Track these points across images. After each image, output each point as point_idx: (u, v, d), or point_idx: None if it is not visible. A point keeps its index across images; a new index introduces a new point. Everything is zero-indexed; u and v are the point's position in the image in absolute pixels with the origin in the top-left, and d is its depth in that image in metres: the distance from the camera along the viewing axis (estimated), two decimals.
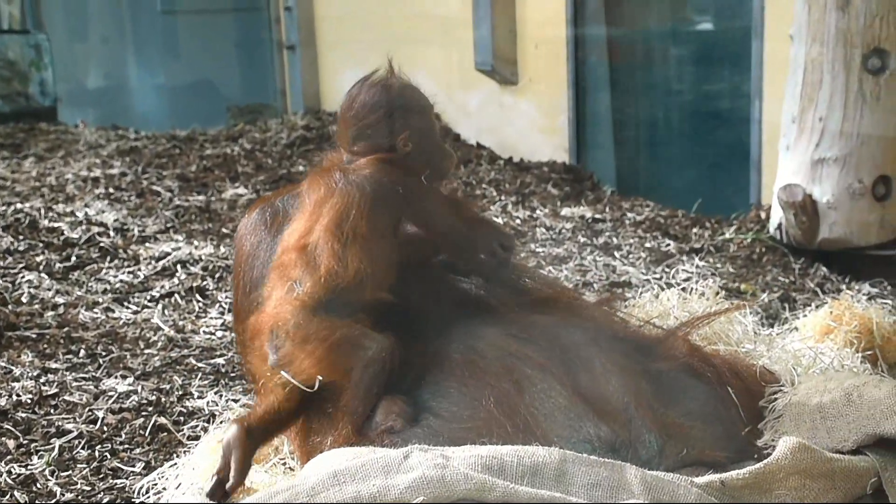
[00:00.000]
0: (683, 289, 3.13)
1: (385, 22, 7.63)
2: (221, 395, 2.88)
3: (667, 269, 4.21)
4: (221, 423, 2.59)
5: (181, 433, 2.66)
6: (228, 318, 3.57)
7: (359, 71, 8.20)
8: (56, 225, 4.54)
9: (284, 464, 2.31)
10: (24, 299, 3.76)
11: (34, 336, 3.41)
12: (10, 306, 3.67)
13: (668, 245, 4.55)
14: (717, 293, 3.14)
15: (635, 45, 6.06)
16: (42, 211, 4.70)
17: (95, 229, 4.53)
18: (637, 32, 6.04)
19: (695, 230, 4.77)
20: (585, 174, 5.94)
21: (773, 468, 1.79)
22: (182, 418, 2.77)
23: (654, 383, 2.18)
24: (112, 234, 4.52)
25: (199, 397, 2.90)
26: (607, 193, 5.55)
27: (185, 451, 2.50)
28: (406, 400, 2.16)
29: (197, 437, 2.59)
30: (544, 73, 6.25)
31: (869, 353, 3.03)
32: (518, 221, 4.94)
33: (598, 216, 5.03)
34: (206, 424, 2.68)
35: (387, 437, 2.08)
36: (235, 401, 2.82)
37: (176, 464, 2.38)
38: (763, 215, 4.66)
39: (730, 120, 5.42)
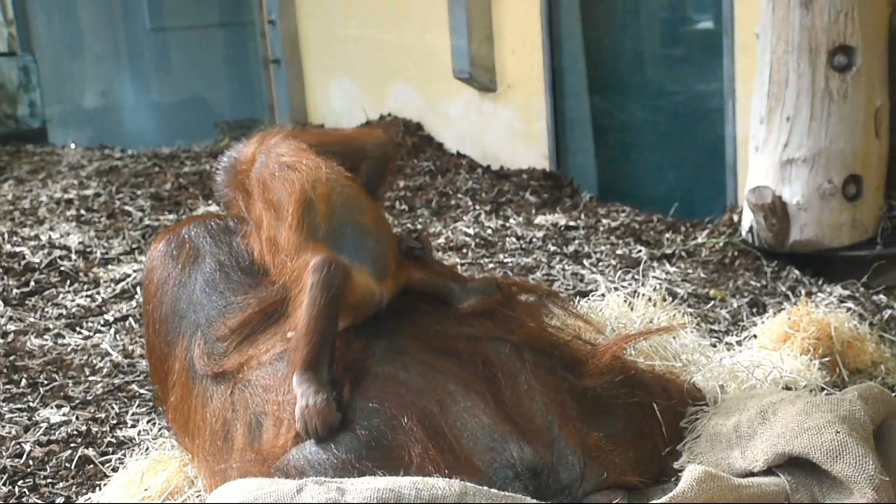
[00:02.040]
0: (632, 293, 3.03)
1: (366, 33, 7.57)
2: (155, 423, 2.81)
3: (636, 277, 4.11)
4: (139, 455, 2.51)
5: (108, 465, 2.58)
6: None
7: (343, 82, 8.20)
8: (18, 249, 4.49)
9: (199, 495, 2.23)
10: None
11: None
12: None
13: (640, 251, 4.45)
14: (664, 299, 3.04)
15: (611, 47, 5.97)
16: (6, 235, 4.65)
17: (57, 252, 4.48)
18: (612, 35, 5.95)
19: (668, 235, 4.68)
20: (565, 180, 5.85)
21: (677, 501, 1.69)
22: (111, 449, 2.70)
23: (580, 401, 2.09)
24: (74, 257, 4.46)
25: (132, 426, 2.83)
26: (585, 199, 5.46)
27: (104, 485, 2.42)
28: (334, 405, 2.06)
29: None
30: (522, 79, 6.17)
31: (827, 359, 2.94)
32: (489, 231, 4.86)
33: (571, 223, 4.94)
34: (135, 455, 2.60)
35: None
36: (168, 429, 2.74)
37: (89, 498, 2.31)
38: (736, 218, 4.56)
39: (706, 121, 5.32)
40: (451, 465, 1.89)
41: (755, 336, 3.16)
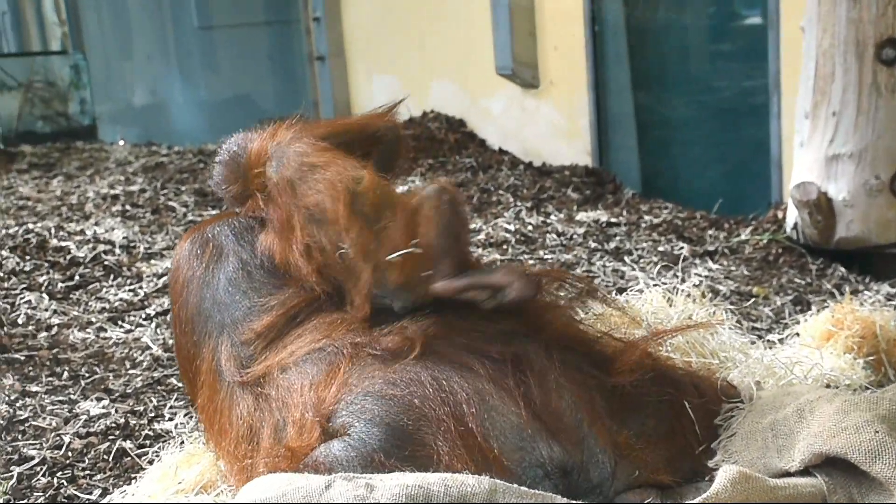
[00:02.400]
0: (669, 289, 2.99)
1: (409, 29, 7.58)
2: (192, 417, 2.83)
3: (678, 274, 4.07)
4: (174, 449, 2.53)
5: (145, 457, 2.60)
6: None
7: (386, 79, 8.24)
8: (64, 244, 4.55)
9: (232, 490, 2.24)
10: (20, 321, 3.76)
11: (22, 358, 3.40)
12: (5, 328, 3.68)
13: (682, 248, 4.40)
14: (704, 295, 2.99)
15: (655, 43, 5.91)
16: (52, 230, 4.72)
17: (102, 247, 4.52)
18: (657, 30, 5.89)
19: (711, 232, 4.62)
20: (608, 177, 5.81)
21: (711, 502, 1.66)
22: (148, 442, 2.72)
23: (610, 399, 2.06)
24: (118, 251, 4.51)
25: (169, 419, 2.85)
26: (627, 196, 5.41)
27: (140, 477, 2.45)
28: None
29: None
30: (565, 75, 6.13)
31: (872, 358, 2.88)
32: (530, 228, 4.83)
33: (613, 220, 4.90)
34: (170, 449, 2.62)
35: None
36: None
37: (125, 492, 2.33)
38: (780, 215, 4.49)
39: (752, 116, 5.25)
40: (479, 464, 1.88)
41: (797, 334, 3.11)
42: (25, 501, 2.44)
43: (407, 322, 2.23)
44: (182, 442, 2.55)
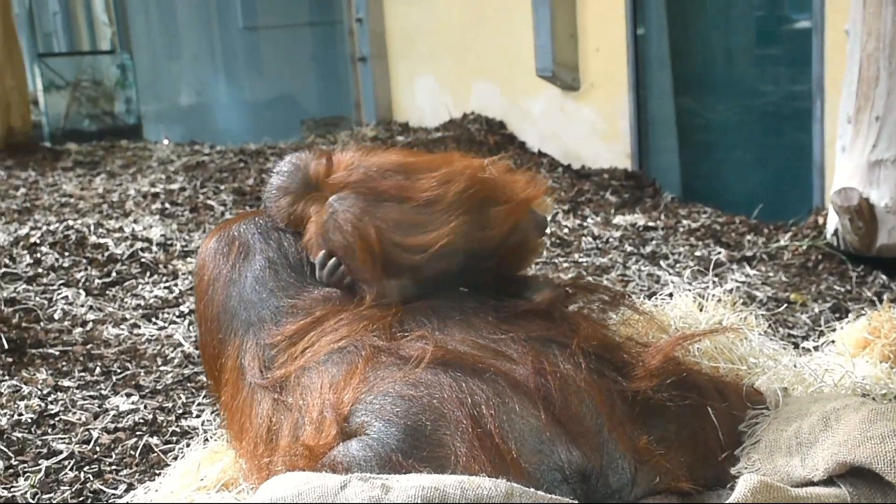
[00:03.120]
0: (700, 294, 2.94)
1: (451, 31, 7.57)
2: (219, 414, 2.83)
3: (715, 279, 4.01)
4: (198, 445, 2.54)
5: (171, 454, 2.61)
6: None
7: (427, 80, 8.25)
8: (103, 241, 4.59)
9: (252, 488, 2.24)
10: (56, 316, 3.80)
11: (56, 353, 3.44)
12: (41, 323, 3.72)
13: (720, 253, 4.34)
14: (735, 300, 2.94)
15: (698, 46, 5.84)
16: (92, 227, 4.77)
17: (140, 244, 4.57)
18: (699, 33, 5.82)
19: (749, 237, 4.55)
20: (647, 181, 5.75)
21: None
22: (175, 438, 2.73)
23: (631, 404, 2.03)
24: (155, 249, 4.55)
25: (196, 416, 2.87)
26: (666, 200, 5.35)
27: (164, 474, 2.46)
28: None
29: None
30: (606, 77, 6.09)
31: None
32: (566, 230, 4.80)
33: (650, 224, 4.85)
34: (194, 445, 2.63)
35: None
36: None
37: (149, 488, 2.34)
38: (821, 221, 4.41)
39: (794, 121, 5.17)
40: (497, 466, 1.86)
41: (833, 342, 3.05)
42: (51, 495, 2.46)
43: (428, 324, 2.23)
44: (206, 439, 2.56)
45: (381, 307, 2.26)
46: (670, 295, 2.99)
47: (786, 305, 3.68)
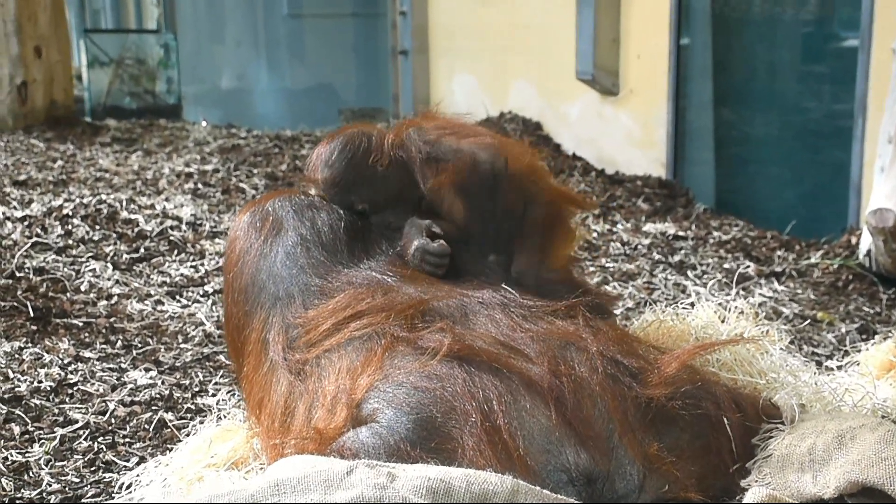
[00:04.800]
0: (722, 305, 2.91)
1: (492, 29, 7.56)
2: (234, 394, 2.85)
3: (742, 293, 3.97)
4: (211, 423, 2.55)
5: (184, 430, 2.63)
6: None
7: (466, 77, 8.23)
8: (133, 217, 4.63)
9: (262, 467, 2.24)
10: (83, 287, 3.83)
11: (80, 324, 3.47)
12: (68, 294, 3.76)
13: (748, 267, 4.30)
14: (758, 314, 2.91)
15: (741, 58, 5.79)
16: (124, 203, 4.81)
17: (169, 223, 4.60)
18: (743, 46, 5.77)
19: (780, 253, 4.50)
20: (681, 190, 5.71)
21: None
22: (189, 415, 2.75)
23: (644, 410, 2.01)
24: (184, 228, 4.58)
25: (212, 395, 2.88)
26: (698, 210, 5.31)
27: (175, 449, 2.47)
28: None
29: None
30: (646, 84, 6.05)
31: None
32: (595, 235, 4.77)
33: (680, 233, 4.81)
34: (207, 423, 2.64)
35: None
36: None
37: (159, 462, 2.35)
38: (854, 240, 4.36)
39: (834, 139, 5.11)
40: (503, 462, 1.85)
41: (857, 363, 3.01)
42: (64, 463, 2.49)
43: (450, 316, 2.23)
44: (220, 417, 2.57)
45: (408, 296, 2.26)
46: (692, 304, 2.96)
47: (812, 323, 3.64)
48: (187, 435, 2.57)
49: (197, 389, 2.94)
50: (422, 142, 2.54)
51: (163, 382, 2.97)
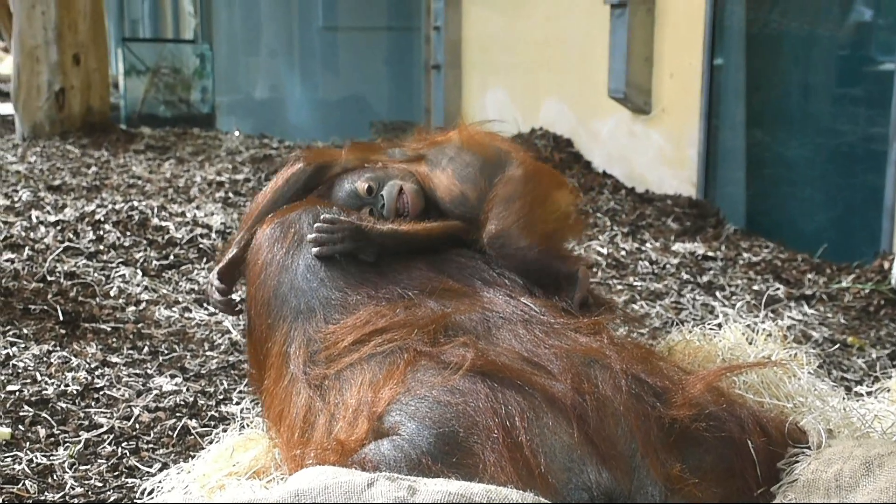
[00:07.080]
0: (750, 327, 2.89)
1: (525, 46, 7.57)
2: (257, 402, 2.85)
3: (770, 315, 3.94)
4: (234, 431, 2.55)
5: (207, 437, 2.64)
6: None
7: (499, 93, 8.24)
8: (164, 224, 4.67)
9: (283, 478, 2.25)
10: (112, 293, 3.86)
11: (108, 329, 3.50)
12: (97, 299, 3.79)
13: (778, 289, 4.26)
14: (786, 337, 2.88)
15: (775, 80, 5.75)
16: (155, 210, 4.84)
17: (199, 230, 4.63)
18: (777, 67, 5.74)
19: (810, 276, 4.46)
20: (711, 210, 5.67)
21: None
22: (213, 423, 2.76)
23: (668, 431, 2.00)
24: (214, 236, 4.61)
25: (236, 403, 2.89)
26: (728, 231, 5.28)
27: (198, 456, 2.48)
28: None
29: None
30: (678, 103, 6.03)
31: None
32: (623, 253, 4.75)
33: (710, 254, 4.78)
34: (230, 431, 2.65)
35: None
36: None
37: (182, 468, 2.36)
38: (886, 265, 4.31)
39: (868, 162, 5.06)
40: (525, 479, 1.84)
41: (888, 389, 2.97)
42: (88, 467, 2.50)
43: (474, 331, 2.23)
44: (243, 426, 2.57)
45: (430, 310, 2.26)
46: (720, 325, 2.94)
47: (842, 348, 3.60)
48: (210, 442, 2.58)
49: (221, 397, 2.95)
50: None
51: (188, 389, 2.99)
